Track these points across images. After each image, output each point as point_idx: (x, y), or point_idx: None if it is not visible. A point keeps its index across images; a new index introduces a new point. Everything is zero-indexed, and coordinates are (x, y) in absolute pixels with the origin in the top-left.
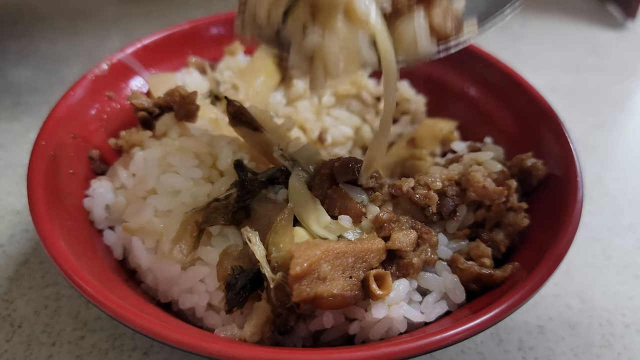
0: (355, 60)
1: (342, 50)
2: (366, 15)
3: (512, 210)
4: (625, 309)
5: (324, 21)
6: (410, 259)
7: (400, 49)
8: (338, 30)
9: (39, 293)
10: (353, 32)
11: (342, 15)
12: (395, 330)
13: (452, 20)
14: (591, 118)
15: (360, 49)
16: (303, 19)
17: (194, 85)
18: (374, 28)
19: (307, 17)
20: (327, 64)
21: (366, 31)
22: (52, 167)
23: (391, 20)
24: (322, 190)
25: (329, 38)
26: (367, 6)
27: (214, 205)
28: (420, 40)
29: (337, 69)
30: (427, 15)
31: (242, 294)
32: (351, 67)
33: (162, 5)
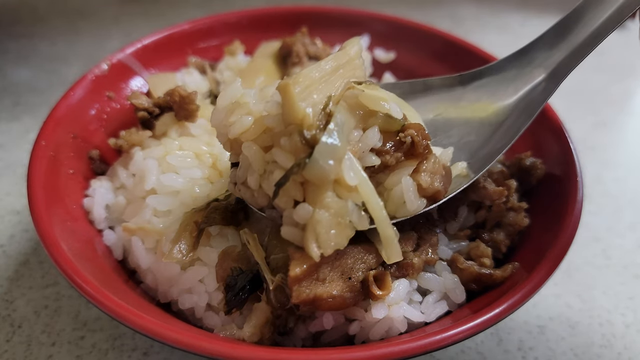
0: (346, 229)
1: (333, 223)
2: (355, 184)
3: (512, 210)
4: (625, 309)
5: (314, 197)
6: (410, 259)
7: (390, 206)
8: (328, 205)
9: (39, 293)
10: (343, 204)
11: (331, 190)
12: (395, 330)
13: (440, 177)
14: (591, 118)
15: (351, 218)
16: (293, 194)
17: (194, 85)
18: (365, 195)
19: (297, 192)
20: (318, 238)
21: (356, 199)
22: (52, 167)
23: (379, 173)
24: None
25: (319, 213)
26: (355, 175)
27: (214, 205)
28: (408, 201)
29: (329, 243)
30: (414, 177)
31: (242, 295)
32: (343, 236)
33: (162, 5)
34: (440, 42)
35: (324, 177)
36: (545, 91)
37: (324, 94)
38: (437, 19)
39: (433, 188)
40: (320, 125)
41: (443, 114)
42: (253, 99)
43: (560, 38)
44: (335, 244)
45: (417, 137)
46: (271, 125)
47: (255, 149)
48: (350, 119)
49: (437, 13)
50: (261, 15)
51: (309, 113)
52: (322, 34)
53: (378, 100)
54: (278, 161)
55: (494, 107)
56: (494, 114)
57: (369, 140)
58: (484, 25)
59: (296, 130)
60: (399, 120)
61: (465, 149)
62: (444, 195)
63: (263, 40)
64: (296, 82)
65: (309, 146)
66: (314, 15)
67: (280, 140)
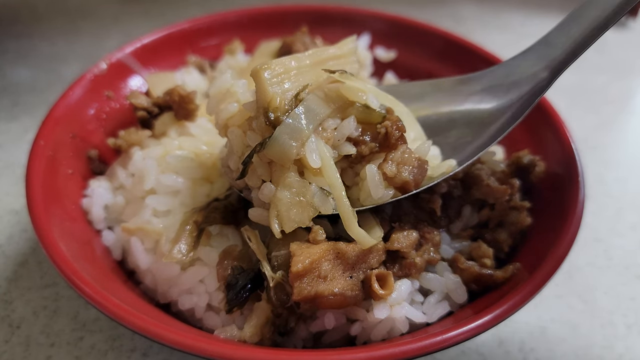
0: (307, 208)
1: (294, 202)
2: (317, 166)
3: (515, 209)
4: (627, 310)
5: (277, 177)
6: (412, 259)
7: (362, 195)
8: (290, 184)
9: (37, 294)
10: (304, 184)
11: (294, 170)
12: (397, 330)
13: (410, 168)
14: (592, 117)
15: (314, 200)
16: (260, 174)
17: (194, 84)
18: (327, 177)
19: (264, 172)
20: (279, 215)
21: (321, 183)
22: (51, 167)
23: (357, 164)
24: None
25: (281, 192)
26: (319, 158)
27: (214, 205)
28: (372, 188)
29: (290, 220)
30: (380, 166)
31: (243, 293)
32: (304, 216)
33: (162, 4)
34: (442, 42)
35: (284, 155)
36: (541, 90)
37: (299, 83)
38: (438, 18)
39: (400, 178)
40: (288, 110)
41: (448, 114)
42: (241, 89)
43: (562, 37)
44: (296, 222)
45: (390, 128)
46: (249, 110)
47: (237, 133)
48: (323, 107)
49: (439, 12)
50: (261, 14)
51: (275, 97)
52: (322, 33)
53: (356, 92)
54: (249, 143)
55: (494, 108)
56: (493, 115)
57: (344, 128)
58: (485, 24)
59: (263, 112)
60: (378, 112)
61: (461, 148)
62: (414, 187)
63: (263, 40)
64: (267, 68)
65: (272, 127)
66: (314, 14)
67: (253, 123)
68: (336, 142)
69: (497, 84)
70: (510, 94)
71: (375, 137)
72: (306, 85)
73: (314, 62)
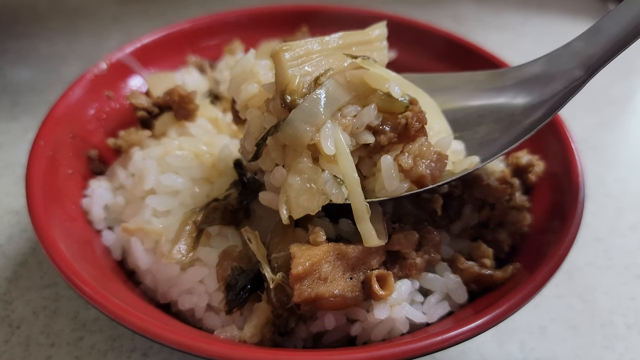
0: (317, 196)
1: (304, 189)
2: (331, 154)
3: (515, 209)
4: (627, 310)
5: (290, 162)
6: (413, 259)
7: (378, 186)
8: (301, 170)
9: (37, 294)
10: (316, 170)
11: (307, 155)
12: (397, 331)
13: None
14: (592, 117)
15: (325, 187)
16: (274, 157)
17: (194, 84)
18: (342, 166)
19: (278, 156)
20: (287, 201)
21: (335, 171)
22: (51, 167)
23: (376, 154)
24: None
25: (292, 177)
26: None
27: (214, 205)
28: (386, 180)
29: (298, 207)
30: (396, 158)
31: (242, 294)
32: (314, 203)
33: (162, 4)
34: (442, 41)
35: (297, 139)
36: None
37: (321, 67)
38: (438, 18)
39: (416, 171)
40: (305, 94)
41: (478, 109)
42: (263, 70)
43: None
44: (305, 209)
45: (411, 119)
46: (268, 92)
47: (255, 114)
48: (342, 93)
49: (439, 12)
50: (261, 14)
51: (294, 79)
52: (322, 32)
53: (380, 79)
54: (265, 125)
55: (527, 105)
56: (525, 111)
57: (364, 117)
58: (485, 24)
59: (279, 94)
60: (401, 101)
61: (486, 145)
62: (431, 182)
63: (263, 39)
64: (288, 49)
65: (288, 110)
66: (315, 14)
67: (269, 105)
68: (355, 130)
69: (532, 80)
70: (545, 91)
71: (395, 127)
72: (327, 69)
73: (340, 46)
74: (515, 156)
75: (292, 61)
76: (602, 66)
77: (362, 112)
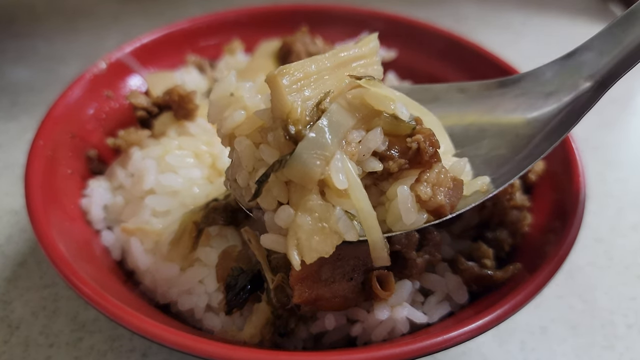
0: (331, 236)
1: (316, 229)
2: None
3: (516, 208)
4: (627, 310)
5: (297, 200)
6: (413, 259)
7: (390, 218)
8: (312, 208)
9: (37, 294)
10: (328, 208)
11: (317, 192)
12: (398, 331)
13: (446, 190)
14: (593, 117)
15: (337, 226)
16: (276, 195)
17: (193, 84)
18: (355, 201)
19: (281, 193)
20: (299, 244)
21: (346, 205)
22: (50, 167)
23: (383, 181)
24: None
25: (301, 217)
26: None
27: (213, 205)
28: (404, 213)
29: (311, 250)
30: (413, 187)
31: (242, 294)
32: (327, 244)
33: (161, 4)
34: (442, 41)
35: (306, 176)
36: (588, 102)
37: (320, 90)
38: (439, 17)
39: (435, 202)
40: (310, 122)
41: (477, 122)
42: (248, 93)
43: (611, 44)
44: (318, 252)
45: (423, 143)
46: (262, 119)
47: (246, 144)
48: (347, 117)
49: (439, 11)
50: (261, 14)
51: (296, 107)
52: (322, 32)
53: (384, 100)
54: (264, 158)
55: (531, 118)
56: (530, 125)
57: (370, 142)
58: (487, 23)
59: (281, 124)
60: (408, 123)
61: (493, 162)
62: (450, 211)
63: (263, 39)
64: (286, 73)
65: (293, 142)
66: (315, 14)
67: (268, 136)
68: (361, 157)
69: (531, 93)
70: (549, 105)
71: (404, 151)
72: (327, 92)
73: (335, 64)
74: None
75: (291, 86)
76: (613, 78)
77: (367, 137)
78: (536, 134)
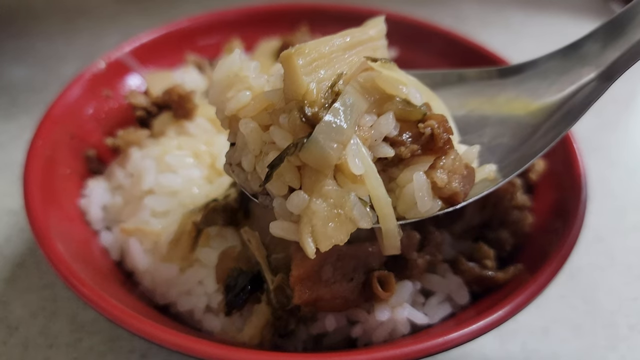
0: (346, 223)
1: (331, 215)
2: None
3: (517, 208)
4: (629, 310)
5: (311, 185)
6: (414, 260)
7: (401, 205)
8: (327, 194)
9: (35, 295)
10: (344, 194)
11: (332, 177)
12: (398, 332)
13: (460, 177)
14: (595, 118)
15: (352, 212)
16: (288, 180)
17: (192, 83)
18: (370, 187)
19: (293, 178)
20: (314, 231)
21: (360, 192)
22: (49, 167)
23: (393, 167)
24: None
25: (316, 203)
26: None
27: (213, 205)
28: (419, 200)
29: (326, 237)
30: (429, 174)
31: (242, 295)
32: (342, 231)
33: (161, 3)
34: (443, 40)
35: (324, 160)
36: (594, 92)
37: (333, 71)
38: (439, 16)
39: (450, 189)
40: (325, 104)
41: (477, 109)
42: (253, 73)
43: (616, 35)
44: (334, 240)
45: (437, 129)
46: (272, 101)
47: (253, 127)
48: (361, 101)
49: (440, 10)
50: (260, 13)
51: (312, 88)
52: (322, 31)
53: (396, 84)
54: (275, 141)
55: (533, 107)
56: (533, 114)
57: (382, 127)
58: (487, 23)
59: (296, 106)
60: (419, 108)
61: (497, 150)
62: (463, 199)
63: (262, 38)
64: (301, 54)
65: (309, 125)
66: (315, 13)
67: (279, 118)
68: (372, 142)
69: (532, 82)
70: (551, 94)
71: (416, 137)
72: (341, 74)
73: (345, 46)
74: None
75: (307, 67)
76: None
77: (379, 121)
78: (541, 123)
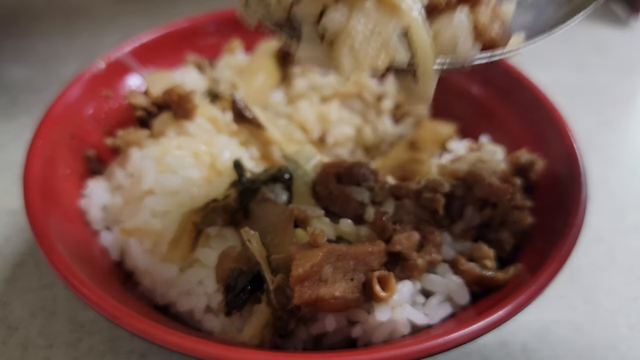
0: (387, 49)
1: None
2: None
3: (517, 208)
4: (629, 310)
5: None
6: (414, 260)
7: (439, 48)
8: (368, 12)
9: (35, 295)
10: (385, 18)
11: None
12: (398, 332)
13: (500, 25)
14: (595, 117)
15: (391, 38)
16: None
17: (192, 83)
18: (410, 19)
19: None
20: (354, 48)
21: (398, 22)
22: (49, 167)
23: (428, 15)
24: (326, 189)
25: (357, 19)
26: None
27: (213, 205)
28: (460, 41)
29: (366, 55)
30: (472, 14)
31: (242, 295)
32: (382, 56)
33: (160, 3)
34: None
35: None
36: None
37: None
38: None
39: (492, 30)
40: None
41: None
42: None
43: None
44: (373, 60)
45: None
46: None
47: None
48: None
49: None
50: None
51: None
52: None
53: None
54: None
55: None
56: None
57: None
58: None
59: None
60: None
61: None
62: (502, 45)
63: (263, 38)
64: None
65: None
66: None
67: None
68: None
69: None
70: None
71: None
72: None
73: None
74: (515, 155)
75: None
76: None
77: None
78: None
